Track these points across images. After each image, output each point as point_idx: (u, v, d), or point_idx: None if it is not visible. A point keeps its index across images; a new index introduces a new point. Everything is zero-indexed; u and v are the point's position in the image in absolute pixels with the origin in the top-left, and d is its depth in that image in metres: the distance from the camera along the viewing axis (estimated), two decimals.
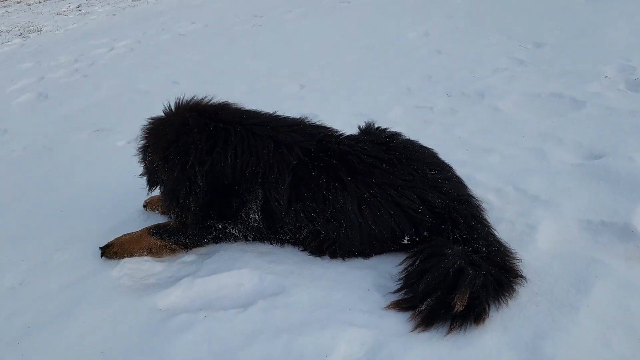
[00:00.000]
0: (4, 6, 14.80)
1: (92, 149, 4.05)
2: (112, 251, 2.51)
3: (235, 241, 2.52)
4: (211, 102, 2.58)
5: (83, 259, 2.55)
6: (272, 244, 2.47)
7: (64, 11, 11.25)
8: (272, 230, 2.42)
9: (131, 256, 2.48)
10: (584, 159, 2.73)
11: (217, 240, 2.55)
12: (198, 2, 9.35)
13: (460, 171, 2.83)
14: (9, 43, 8.41)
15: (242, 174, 2.36)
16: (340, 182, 2.23)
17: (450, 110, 3.68)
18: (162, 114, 2.61)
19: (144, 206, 2.98)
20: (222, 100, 2.61)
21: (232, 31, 6.92)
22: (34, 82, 5.81)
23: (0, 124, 4.77)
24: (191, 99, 2.59)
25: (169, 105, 2.61)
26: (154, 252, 2.50)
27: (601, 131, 2.95)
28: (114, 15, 9.53)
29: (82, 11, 10.72)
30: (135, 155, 2.69)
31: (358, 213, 2.19)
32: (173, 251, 2.50)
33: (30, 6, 13.58)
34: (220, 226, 2.49)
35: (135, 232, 2.59)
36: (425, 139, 3.25)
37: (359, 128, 2.63)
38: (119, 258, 2.48)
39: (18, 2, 14.97)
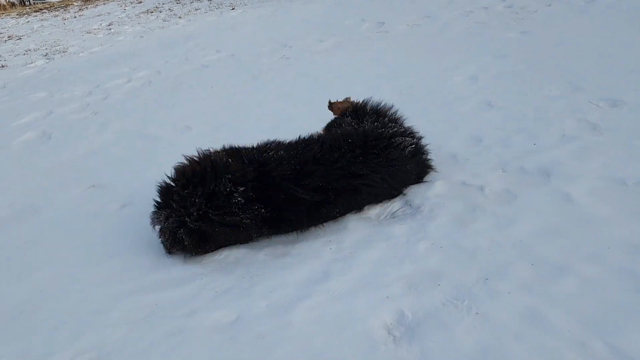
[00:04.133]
0: (41, 19, 14.85)
1: (82, 212, 3.51)
2: None
3: None
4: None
5: None
6: None
7: (95, 29, 11.03)
8: None
9: None
10: None
11: None
12: (227, 25, 8.88)
13: (522, 301, 2.14)
14: (32, 65, 8.12)
15: None
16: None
17: (506, 193, 2.95)
18: None
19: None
20: None
21: (257, 63, 6.37)
22: (41, 118, 5.39)
23: None
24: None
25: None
26: None
27: None
28: (141, 37, 9.17)
29: (112, 30, 10.45)
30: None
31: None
32: None
33: (65, 21, 13.52)
34: None
35: None
36: (474, 239, 2.59)
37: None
38: None
39: (55, 16, 15.00)
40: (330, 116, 3.78)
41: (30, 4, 19.16)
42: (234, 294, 2.49)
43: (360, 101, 3.65)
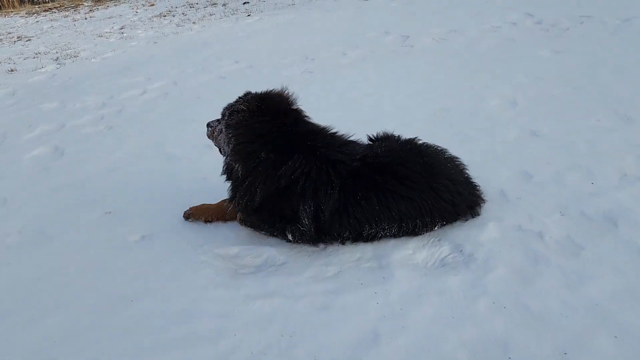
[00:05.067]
0: (51, 19, 14.65)
1: (98, 243, 3.24)
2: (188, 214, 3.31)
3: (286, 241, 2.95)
4: (293, 111, 2.94)
5: None
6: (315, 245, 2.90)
7: (106, 32, 10.80)
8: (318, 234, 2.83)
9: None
10: None
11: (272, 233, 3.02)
12: (244, 34, 8.63)
13: None
14: (42, 70, 7.88)
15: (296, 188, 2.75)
16: (383, 192, 2.71)
17: (569, 243, 2.67)
18: (247, 108, 2.88)
19: (187, 217, 3.33)
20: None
21: (278, 76, 6.10)
22: (53, 131, 5.13)
23: (0, 190, 4.04)
24: (279, 99, 2.94)
25: (257, 97, 2.96)
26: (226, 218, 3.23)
27: None
28: (155, 43, 8.93)
29: (124, 34, 10.21)
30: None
31: (398, 211, 2.72)
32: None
33: (75, 22, 13.30)
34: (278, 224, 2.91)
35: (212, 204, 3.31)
36: (542, 300, 2.31)
37: (371, 138, 3.19)
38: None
39: (65, 17, 14.79)
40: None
41: (40, 1, 18.94)
42: (273, 355, 2.22)
43: None
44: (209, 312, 2.53)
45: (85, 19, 13.67)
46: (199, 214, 3.35)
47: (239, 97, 3.09)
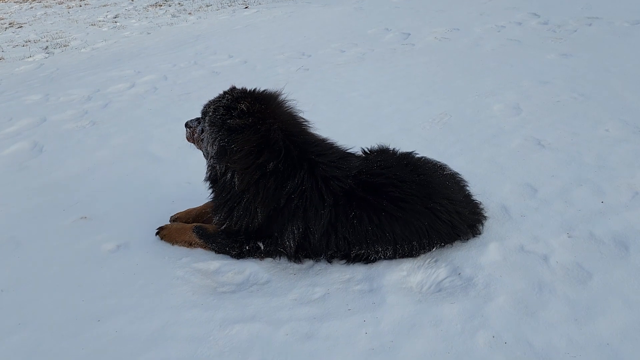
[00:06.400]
0: (45, 6, 14.32)
1: (71, 251, 3.00)
2: (163, 234, 2.96)
3: (262, 259, 2.74)
4: (297, 117, 2.70)
5: None
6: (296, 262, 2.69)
7: (100, 21, 10.50)
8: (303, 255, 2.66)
9: (174, 244, 2.90)
10: None
11: (240, 256, 2.76)
12: (240, 26, 8.37)
13: None
14: (30, 59, 7.61)
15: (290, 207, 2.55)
16: (376, 213, 2.48)
17: (577, 269, 2.46)
18: (248, 109, 2.52)
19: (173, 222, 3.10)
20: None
21: (273, 74, 5.87)
22: (34, 125, 4.88)
23: None
24: (281, 102, 2.69)
25: (256, 97, 2.64)
26: (192, 246, 2.86)
27: None
28: (148, 33, 8.66)
29: (118, 24, 9.93)
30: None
31: (392, 233, 2.51)
32: (205, 249, 2.84)
33: (69, 10, 12.99)
34: (251, 244, 2.69)
35: (184, 225, 2.97)
36: (547, 335, 2.10)
37: (365, 151, 2.86)
38: (168, 242, 2.92)
39: (60, 3, 14.46)
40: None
41: None
42: None
43: None
44: (181, 336, 2.32)
45: (80, 6, 13.36)
46: (180, 223, 3.12)
47: (226, 93, 2.76)
